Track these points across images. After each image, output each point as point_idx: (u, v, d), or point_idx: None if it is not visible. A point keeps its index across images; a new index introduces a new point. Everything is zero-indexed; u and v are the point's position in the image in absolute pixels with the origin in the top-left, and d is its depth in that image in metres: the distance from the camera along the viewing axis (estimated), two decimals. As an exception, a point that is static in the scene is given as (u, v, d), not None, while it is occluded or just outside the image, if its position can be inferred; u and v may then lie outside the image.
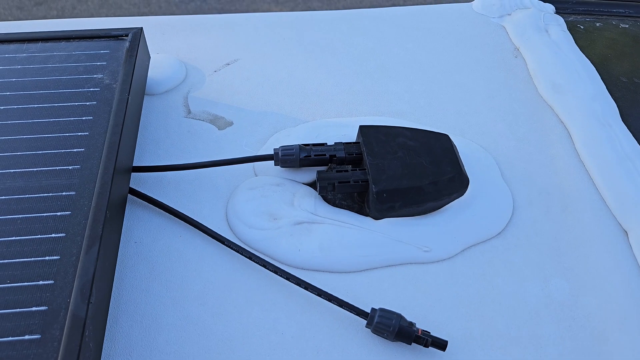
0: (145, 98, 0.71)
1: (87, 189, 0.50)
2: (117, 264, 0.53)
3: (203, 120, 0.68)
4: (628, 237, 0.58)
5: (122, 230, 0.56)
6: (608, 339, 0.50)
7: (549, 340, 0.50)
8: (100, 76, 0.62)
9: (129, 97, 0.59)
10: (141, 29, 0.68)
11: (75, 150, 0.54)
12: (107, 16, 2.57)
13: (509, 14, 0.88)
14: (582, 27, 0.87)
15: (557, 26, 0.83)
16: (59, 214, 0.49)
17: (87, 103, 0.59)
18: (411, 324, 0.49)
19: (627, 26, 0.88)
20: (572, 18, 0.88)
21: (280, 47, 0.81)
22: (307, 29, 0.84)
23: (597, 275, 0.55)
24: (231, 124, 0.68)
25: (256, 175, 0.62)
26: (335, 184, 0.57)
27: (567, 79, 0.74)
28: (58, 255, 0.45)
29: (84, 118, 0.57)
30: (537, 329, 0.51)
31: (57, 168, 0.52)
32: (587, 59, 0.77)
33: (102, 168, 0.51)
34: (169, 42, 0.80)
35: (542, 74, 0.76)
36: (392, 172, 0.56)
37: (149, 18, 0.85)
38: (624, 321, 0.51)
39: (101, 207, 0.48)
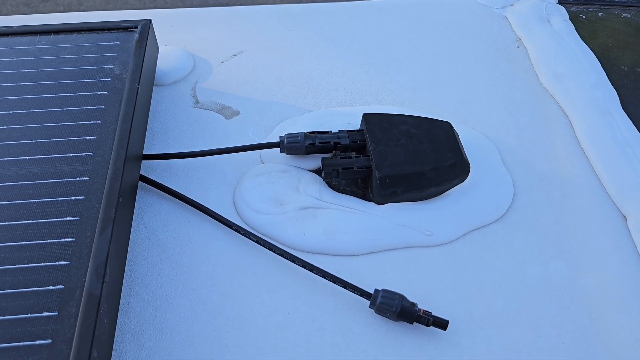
0: (155, 89, 0.73)
1: (100, 175, 0.52)
2: (129, 248, 0.55)
3: (210, 110, 0.70)
4: (627, 222, 0.59)
5: (134, 215, 0.58)
6: (605, 320, 0.52)
7: (547, 321, 0.52)
8: (110, 67, 0.64)
9: (139, 87, 0.60)
10: (150, 20, 0.69)
11: (87, 137, 0.56)
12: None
13: (512, 5, 0.89)
14: (584, 16, 0.87)
15: (559, 16, 0.84)
16: (73, 198, 0.50)
17: (99, 93, 0.60)
18: (413, 304, 0.51)
19: (629, 16, 0.89)
20: (574, 8, 0.89)
21: (286, 38, 0.82)
22: (312, 20, 0.86)
23: (595, 258, 0.56)
24: (238, 113, 0.70)
25: (262, 163, 0.64)
26: (340, 170, 0.58)
27: (568, 68, 0.75)
28: (73, 238, 0.47)
29: (95, 107, 0.59)
30: (535, 309, 0.53)
31: (71, 155, 0.54)
32: (589, 49, 0.78)
33: (114, 155, 0.53)
34: (176, 34, 0.82)
35: (544, 63, 0.77)
36: (395, 158, 0.58)
37: (157, 11, 0.86)
38: (621, 303, 0.53)
39: (113, 191, 0.50)
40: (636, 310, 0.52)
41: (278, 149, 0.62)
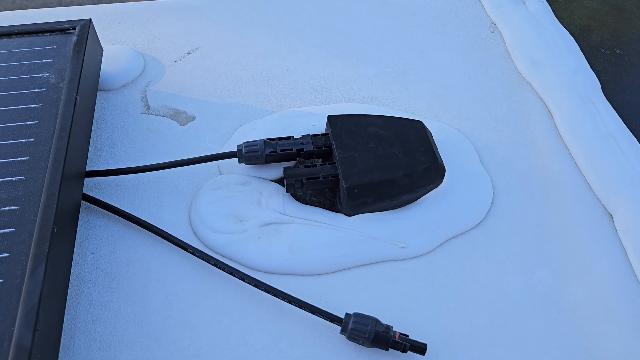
0: (100, 94, 0.66)
1: (33, 202, 0.46)
2: (72, 279, 0.50)
3: (163, 116, 0.64)
4: (613, 221, 0.55)
5: (78, 241, 0.53)
6: (594, 332, 0.48)
7: (533, 336, 0.48)
8: (46, 75, 0.57)
9: (77, 97, 0.54)
10: (90, 20, 0.63)
11: (18, 159, 0.50)
12: None
13: (485, -14, 0.84)
14: (560, -4, 0.83)
15: (535, -3, 0.80)
16: (1, 231, 0.45)
17: (32, 106, 0.54)
18: (388, 328, 0.46)
19: (607, -7, 0.84)
20: (550, -13, 0.84)
21: (245, 31, 0.76)
22: (271, 11, 0.80)
23: (581, 263, 0.52)
24: (193, 118, 0.64)
25: (221, 174, 0.58)
26: (304, 181, 0.53)
27: (546, 54, 0.70)
28: (1, 279, 0.42)
29: (28, 123, 0.52)
30: (521, 325, 0.49)
31: (-1, 180, 0.48)
32: (567, 31, 0.74)
33: (48, 178, 0.47)
34: (125, 32, 0.75)
35: (520, 49, 0.72)
36: (364, 165, 0.53)
37: (104, 6, 0.80)
38: (610, 312, 0.49)
39: (47, 221, 0.44)
40: (626, 320, 0.48)
41: (236, 159, 0.57)
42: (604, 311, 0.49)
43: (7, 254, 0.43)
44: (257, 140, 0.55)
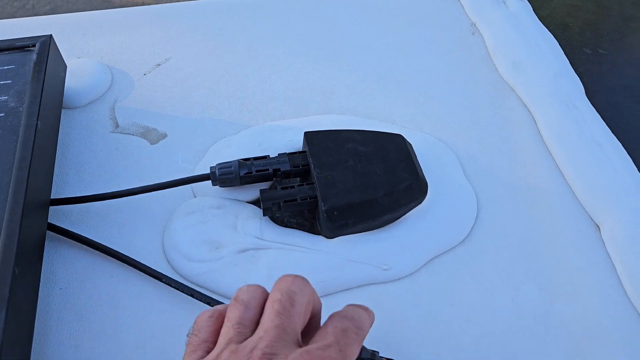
0: (65, 112, 0.63)
1: (-8, 241, 0.44)
2: (39, 319, 0.47)
3: (133, 135, 0.61)
4: (600, 232, 0.54)
5: (44, 275, 0.50)
6: (584, 351, 0.47)
7: (522, 358, 0.47)
8: (4, 98, 0.54)
9: (38, 122, 0.51)
10: (50, 36, 0.59)
11: (-24, 193, 0.47)
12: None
13: (464, -16, 0.82)
14: (541, -7, 0.81)
15: (515, -5, 0.77)
16: (-42, 275, 0.42)
17: (-10, 133, 0.51)
18: (374, 354, 0.44)
19: (588, -11, 0.82)
20: (530, -16, 0.82)
21: (217, 39, 0.73)
22: (245, 17, 0.77)
23: (569, 278, 0.51)
24: (165, 136, 0.61)
25: (195, 196, 0.56)
26: (281, 204, 0.51)
27: (528, 56, 0.68)
28: (-42, 328, 0.39)
29: (-15, 152, 0.49)
30: (509, 345, 0.47)
31: (-45, 218, 0.45)
32: (549, 32, 0.72)
33: (8, 214, 0.44)
34: (91, 43, 0.72)
35: (502, 51, 0.70)
36: (343, 185, 0.51)
37: (69, 15, 0.76)
38: (599, 328, 0.48)
39: (8, 262, 0.42)
40: (616, 337, 0.47)
41: (210, 181, 0.54)
42: (593, 328, 0.48)
43: (-35, 300, 0.40)
44: (231, 162, 0.53)
